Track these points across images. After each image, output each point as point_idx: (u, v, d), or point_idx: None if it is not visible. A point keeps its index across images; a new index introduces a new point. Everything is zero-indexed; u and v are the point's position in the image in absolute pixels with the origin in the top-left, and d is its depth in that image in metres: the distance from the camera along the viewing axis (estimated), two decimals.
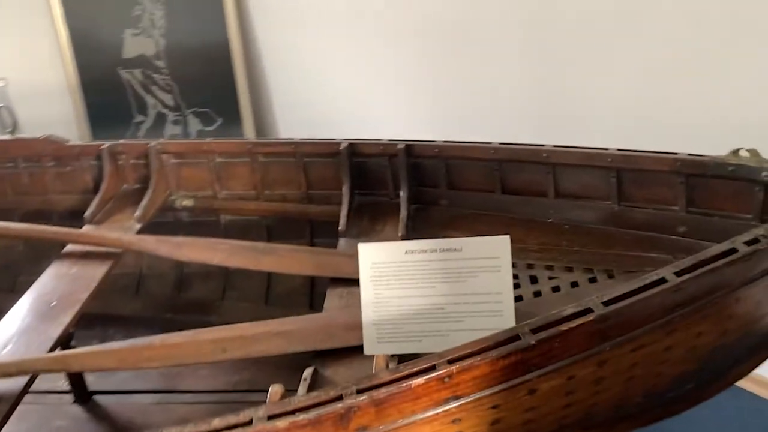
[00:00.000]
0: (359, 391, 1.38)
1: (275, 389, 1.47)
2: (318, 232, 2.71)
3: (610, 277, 1.97)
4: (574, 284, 1.96)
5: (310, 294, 2.70)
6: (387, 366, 1.58)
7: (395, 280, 1.72)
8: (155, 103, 3.83)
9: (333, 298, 2.02)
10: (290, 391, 2.24)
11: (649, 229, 2.10)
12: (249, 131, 3.77)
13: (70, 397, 2.32)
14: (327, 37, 3.44)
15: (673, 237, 2.06)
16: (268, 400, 1.46)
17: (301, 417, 1.35)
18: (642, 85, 2.53)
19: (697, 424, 2.36)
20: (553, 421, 1.64)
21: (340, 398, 1.38)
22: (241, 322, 2.60)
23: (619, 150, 2.10)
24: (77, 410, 2.28)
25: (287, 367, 2.31)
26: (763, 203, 1.90)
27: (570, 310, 1.45)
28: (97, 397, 2.32)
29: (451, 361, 1.40)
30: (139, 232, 2.54)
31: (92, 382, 2.34)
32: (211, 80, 3.71)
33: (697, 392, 1.86)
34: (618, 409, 1.75)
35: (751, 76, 2.26)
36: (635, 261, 2.01)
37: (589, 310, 1.44)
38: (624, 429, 1.81)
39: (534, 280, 2.00)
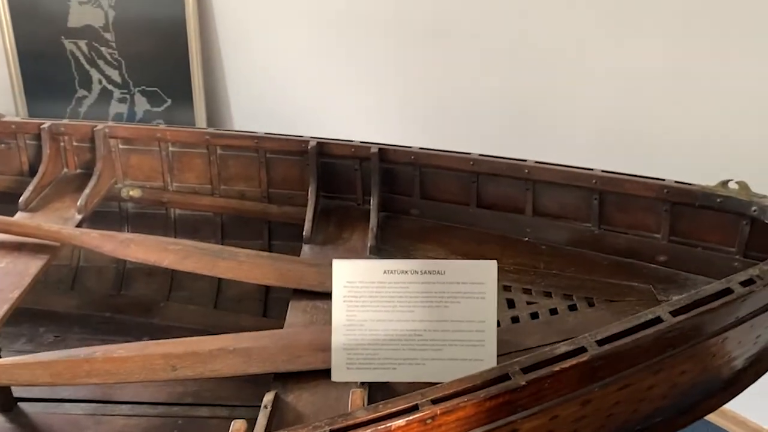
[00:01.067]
0: None
1: (237, 426, 1.31)
2: (277, 233, 2.55)
3: (591, 305, 1.88)
4: (553, 311, 1.87)
5: (264, 300, 2.53)
6: (364, 404, 1.44)
7: (371, 302, 1.58)
8: (100, 78, 3.55)
9: (296, 313, 1.86)
10: (239, 407, 2.14)
11: (628, 255, 2.04)
12: (200, 116, 3.55)
13: None
14: (290, 27, 3.26)
15: (653, 265, 2.01)
16: None
17: None
18: (621, 99, 2.46)
19: None
20: None
21: None
22: (188, 326, 2.46)
23: (604, 171, 2.03)
24: None
25: (238, 378, 2.15)
26: (748, 238, 1.86)
27: (563, 348, 1.36)
28: (23, 405, 2.10)
29: (435, 401, 1.29)
30: (80, 223, 2.32)
31: (17, 387, 2.11)
32: (163, 58, 3.46)
33: (665, 426, 1.82)
34: None
35: (737, 98, 2.22)
36: (615, 289, 1.93)
37: (582, 350, 1.36)
38: None
39: (511, 304, 1.89)
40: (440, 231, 2.24)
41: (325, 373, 1.63)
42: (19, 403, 2.10)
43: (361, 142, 2.33)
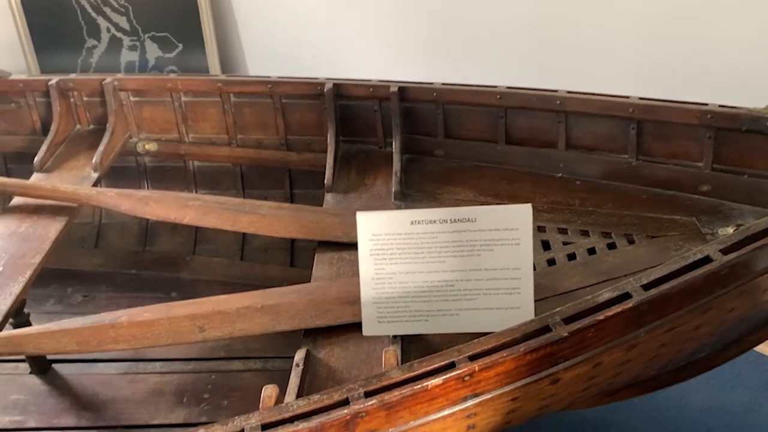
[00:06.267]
0: (367, 394, 1.20)
1: (268, 392, 1.26)
2: (298, 181, 2.47)
3: (630, 242, 1.79)
4: (591, 251, 1.78)
5: (290, 249, 2.48)
6: (398, 362, 1.39)
7: (399, 254, 1.50)
8: (108, 26, 3.44)
9: (322, 266, 1.80)
10: (272, 358, 2.12)
11: (669, 187, 1.93)
12: (213, 60, 3.43)
13: (26, 367, 2.09)
14: None
15: (695, 196, 1.90)
16: (261, 404, 1.26)
17: (301, 426, 1.17)
18: (658, 17, 2.29)
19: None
20: (566, 402, 1.51)
21: (345, 402, 1.20)
22: (215, 279, 2.43)
23: (641, 99, 1.90)
24: (35, 382, 2.06)
25: None
26: None
27: (606, 295, 1.29)
28: (57, 367, 2.10)
29: (472, 357, 1.23)
30: (97, 181, 2.27)
31: None
32: (170, 1, 3.33)
33: (710, 360, 1.76)
34: (629, 381, 1.64)
35: None
36: (656, 224, 1.83)
37: (627, 296, 1.28)
38: (625, 396, 1.73)
39: (546, 245, 1.81)
40: (467, 171, 2.14)
41: (356, 327, 1.59)
42: (53, 365, 2.10)
43: (380, 81, 2.22)
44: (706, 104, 1.83)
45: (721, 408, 2.26)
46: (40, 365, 2.08)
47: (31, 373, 2.08)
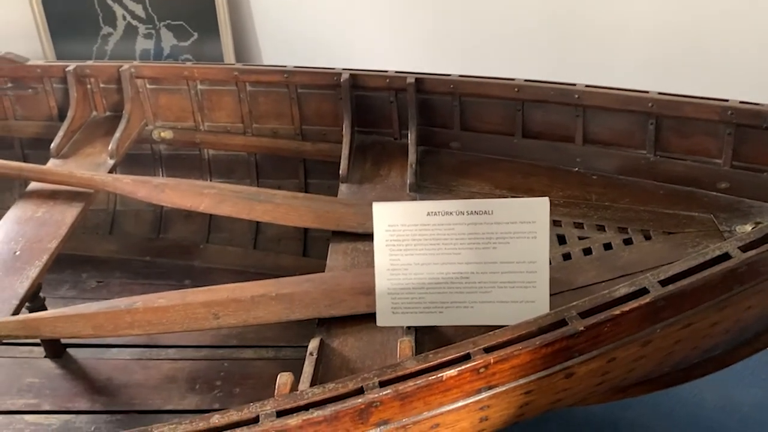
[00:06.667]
0: (382, 384, 1.20)
1: (284, 379, 1.27)
2: (312, 171, 2.48)
3: (647, 238, 1.78)
4: (607, 246, 1.77)
5: (303, 239, 2.48)
6: (413, 353, 1.39)
7: (414, 245, 1.50)
8: (124, 14, 3.45)
9: (336, 255, 1.81)
10: (284, 347, 2.13)
11: (687, 183, 1.92)
12: (228, 49, 3.43)
13: (41, 350, 2.11)
14: None
15: (713, 193, 1.89)
16: (276, 391, 1.26)
17: (316, 414, 1.17)
18: (678, 9, 2.27)
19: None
20: (578, 397, 1.51)
21: (360, 391, 1.21)
22: (228, 267, 2.44)
23: (661, 94, 1.88)
24: (49, 366, 2.08)
25: None
26: None
27: (622, 290, 1.29)
28: (71, 351, 2.12)
29: (488, 350, 1.24)
30: (113, 168, 2.28)
31: None
32: None
33: (724, 358, 1.76)
34: (643, 378, 1.63)
35: None
36: (673, 220, 1.82)
37: (644, 291, 1.28)
38: (638, 393, 1.72)
39: (562, 239, 1.80)
40: (483, 164, 2.13)
41: (370, 318, 1.59)
42: (67, 349, 2.12)
43: (396, 72, 2.22)
44: (727, 100, 1.82)
45: (734, 407, 2.25)
46: (55, 349, 2.10)
47: (45, 356, 2.10)
